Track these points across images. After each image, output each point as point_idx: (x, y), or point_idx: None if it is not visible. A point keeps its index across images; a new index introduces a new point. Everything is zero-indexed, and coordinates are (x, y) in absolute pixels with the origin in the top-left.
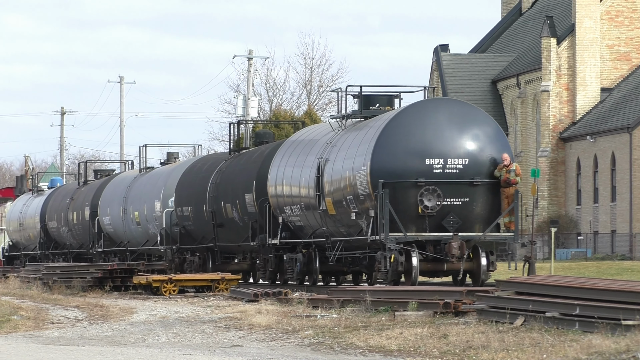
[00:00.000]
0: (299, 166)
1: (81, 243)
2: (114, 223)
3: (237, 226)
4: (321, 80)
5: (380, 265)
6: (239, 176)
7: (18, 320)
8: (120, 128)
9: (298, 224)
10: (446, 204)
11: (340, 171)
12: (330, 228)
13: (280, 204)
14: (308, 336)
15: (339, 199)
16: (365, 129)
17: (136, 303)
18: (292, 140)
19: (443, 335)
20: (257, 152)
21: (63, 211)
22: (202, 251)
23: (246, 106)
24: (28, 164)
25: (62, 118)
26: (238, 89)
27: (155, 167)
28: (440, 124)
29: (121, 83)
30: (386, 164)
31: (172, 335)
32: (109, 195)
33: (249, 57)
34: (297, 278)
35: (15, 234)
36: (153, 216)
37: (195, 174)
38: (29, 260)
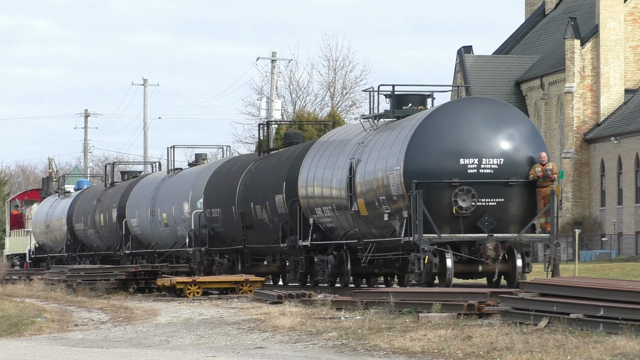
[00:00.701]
0: (330, 167)
1: (108, 245)
2: (142, 225)
3: (266, 228)
4: (344, 82)
5: (414, 267)
6: (268, 177)
7: (42, 323)
8: (144, 130)
9: (329, 226)
10: (481, 205)
11: (372, 172)
12: (362, 229)
13: (311, 205)
14: (332, 338)
15: (371, 199)
16: (397, 129)
17: (160, 305)
18: (323, 141)
19: (467, 336)
20: (287, 153)
21: (90, 213)
22: (231, 253)
23: (270, 108)
24: (52, 166)
25: (86, 120)
26: (262, 91)
27: (183, 169)
28: (474, 123)
29: (145, 85)
30: (420, 164)
31: (196, 337)
32: (137, 196)
33: (273, 60)
34: (328, 280)
35: (42, 236)
36: (181, 218)
37: (224, 175)
38: (56, 262)
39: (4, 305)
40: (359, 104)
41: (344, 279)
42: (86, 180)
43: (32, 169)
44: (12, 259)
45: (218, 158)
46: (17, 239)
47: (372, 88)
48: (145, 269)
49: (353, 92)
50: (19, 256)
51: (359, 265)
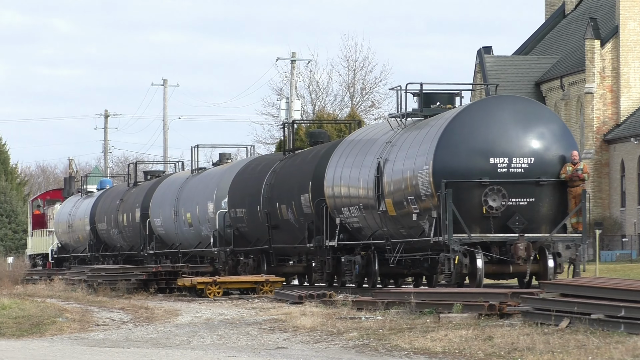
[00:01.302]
0: (357, 166)
1: (132, 245)
2: (166, 225)
3: (292, 227)
4: (364, 82)
5: (444, 268)
6: (294, 177)
7: (63, 323)
8: (163, 131)
9: (356, 226)
10: (511, 204)
11: (400, 171)
12: (390, 229)
13: (338, 205)
14: (352, 338)
15: (399, 199)
16: (426, 128)
17: (181, 305)
18: (350, 140)
19: (488, 337)
20: (313, 152)
21: (113, 213)
22: (256, 253)
23: (289, 109)
24: (72, 166)
25: (105, 121)
26: (281, 92)
27: (207, 168)
28: (504, 122)
29: (165, 86)
30: (449, 164)
31: (217, 337)
32: (160, 196)
33: (292, 60)
34: (355, 281)
35: (64, 235)
36: (206, 218)
37: (248, 174)
38: (78, 262)
39: (25, 305)
40: (378, 105)
41: (371, 280)
42: (109, 180)
43: (52, 169)
44: (35, 259)
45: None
46: (40, 239)
47: (400, 87)
48: (165, 269)
49: (373, 93)
50: (42, 256)
51: (387, 265)
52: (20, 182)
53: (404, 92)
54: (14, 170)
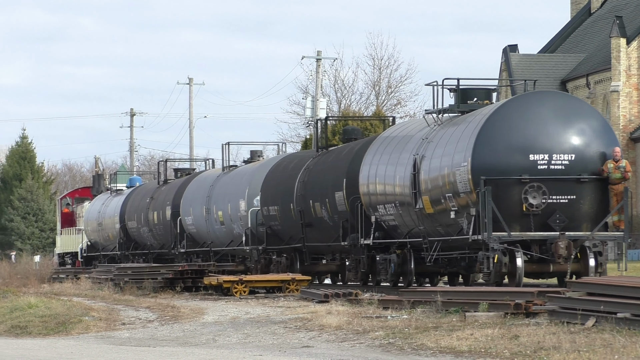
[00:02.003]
0: (392, 163)
1: (162, 243)
2: (197, 223)
3: (326, 225)
4: (389, 81)
5: (483, 267)
6: (328, 174)
7: (90, 321)
8: (189, 129)
9: (392, 223)
10: (552, 202)
11: (438, 168)
12: (427, 227)
13: (373, 202)
14: (378, 337)
15: (436, 197)
16: (463, 124)
17: (207, 304)
18: (385, 137)
19: (514, 336)
20: (347, 149)
21: (143, 211)
22: (289, 252)
23: (315, 107)
24: (98, 165)
25: (131, 120)
26: (306, 90)
27: (239, 166)
28: (544, 117)
29: (190, 84)
30: (488, 160)
31: (243, 336)
32: (191, 194)
33: (318, 59)
34: (391, 280)
35: (94, 234)
36: (238, 216)
37: (281, 172)
38: (108, 260)
39: (51, 304)
40: (404, 103)
41: (407, 279)
42: (138, 178)
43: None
44: (64, 258)
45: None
46: (69, 237)
47: (436, 82)
48: (192, 267)
49: (398, 91)
50: (71, 254)
51: (423, 264)
52: (47, 181)
53: (440, 87)
54: (40, 169)
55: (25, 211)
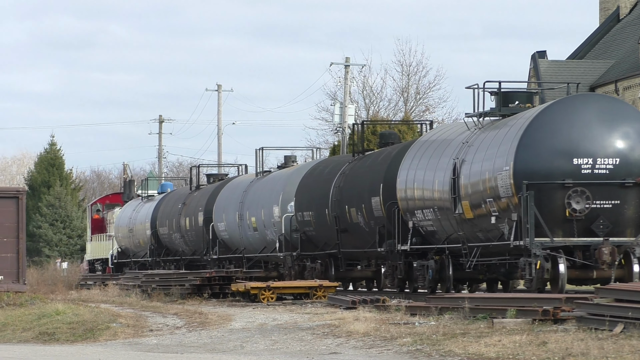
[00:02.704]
0: (431, 168)
1: (194, 250)
2: (230, 229)
3: (362, 231)
4: (418, 87)
5: (524, 273)
6: (364, 179)
7: (117, 328)
8: (218, 136)
9: (430, 229)
10: (595, 207)
11: (479, 172)
12: (467, 233)
13: (411, 207)
14: (406, 343)
15: (477, 202)
16: (505, 128)
17: (234, 310)
18: (423, 141)
19: (542, 342)
20: (383, 153)
21: (175, 217)
22: (324, 258)
23: (343, 113)
24: (127, 172)
25: (160, 126)
26: (335, 97)
27: (273, 171)
28: (588, 121)
29: (219, 91)
30: (530, 164)
31: (271, 343)
32: (224, 200)
33: (346, 65)
34: (428, 286)
35: (124, 240)
36: (271, 222)
37: (316, 177)
38: (139, 267)
39: (79, 311)
40: (432, 109)
41: (445, 285)
42: (170, 184)
43: (107, 175)
44: (94, 264)
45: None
46: (99, 244)
47: (477, 85)
48: (219, 274)
49: (427, 97)
50: (101, 261)
51: (461, 270)
52: (75, 188)
53: (481, 90)
54: (68, 176)
55: (53, 218)
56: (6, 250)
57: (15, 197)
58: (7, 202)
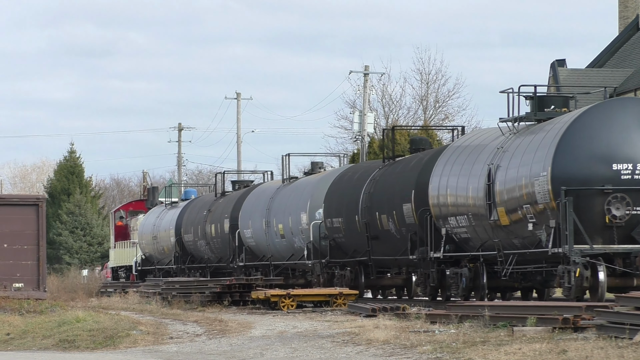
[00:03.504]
0: (465, 174)
1: (220, 257)
2: (256, 236)
3: (393, 238)
4: (437, 95)
5: (563, 281)
6: (395, 185)
7: (137, 335)
8: (237, 144)
9: (464, 236)
10: (636, 213)
11: (515, 178)
12: (502, 240)
13: (444, 214)
14: (426, 351)
15: (513, 208)
16: (541, 133)
17: (254, 318)
18: (456, 146)
19: (562, 350)
20: (415, 159)
21: (200, 224)
22: (353, 265)
23: (362, 122)
24: (146, 179)
25: (179, 134)
26: (354, 105)
27: (300, 177)
28: (627, 125)
29: (238, 99)
30: (569, 170)
31: (290, 350)
32: (250, 207)
33: (365, 73)
34: (462, 294)
35: (148, 247)
36: (299, 229)
37: (345, 183)
38: (163, 274)
39: (99, 318)
40: (451, 117)
41: (479, 294)
42: (194, 190)
43: (127, 182)
44: (117, 271)
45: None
46: (122, 251)
47: (512, 89)
48: (239, 282)
49: (446, 106)
50: (124, 268)
51: (496, 278)
52: (95, 195)
53: (515, 95)
54: (88, 184)
55: (73, 225)
56: (26, 257)
57: (35, 204)
58: (27, 210)
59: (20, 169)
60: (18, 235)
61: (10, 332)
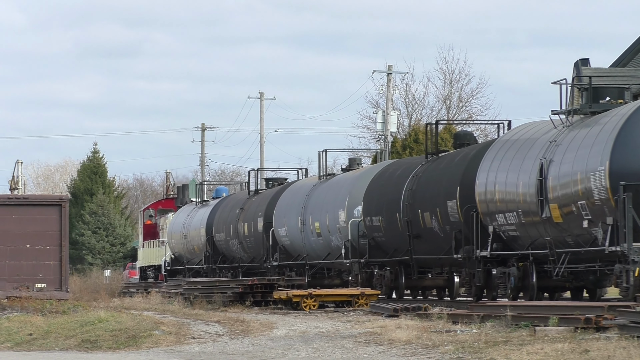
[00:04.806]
0: (514, 169)
1: (253, 257)
2: (291, 235)
3: (436, 237)
4: (460, 95)
5: (620, 281)
6: (439, 182)
7: (159, 335)
8: (260, 144)
9: (512, 234)
10: None
11: (569, 173)
12: (554, 238)
13: (492, 211)
14: (448, 351)
15: (567, 204)
16: (597, 126)
17: (276, 318)
18: (504, 140)
19: (584, 350)
20: (460, 154)
21: (232, 222)
22: (394, 265)
23: (385, 121)
24: (169, 179)
25: (202, 134)
26: (377, 105)
27: (337, 174)
28: None
29: (261, 99)
30: (628, 164)
31: (312, 350)
32: (285, 205)
33: (389, 73)
34: (510, 295)
35: (178, 246)
36: (336, 227)
37: (386, 180)
38: (193, 274)
39: (121, 318)
40: (474, 117)
41: (528, 294)
42: (225, 188)
43: (150, 182)
44: (146, 271)
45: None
46: (151, 250)
47: (565, 80)
48: (261, 282)
49: (469, 105)
50: (153, 268)
51: (546, 278)
52: (118, 195)
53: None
54: (111, 184)
55: (96, 225)
56: (49, 257)
57: (58, 204)
58: (50, 210)
59: (43, 169)
60: (41, 236)
61: (33, 332)
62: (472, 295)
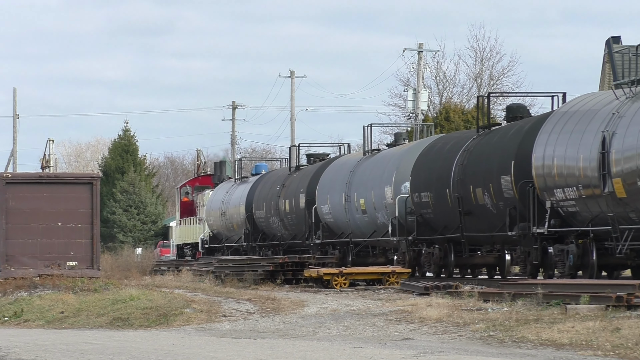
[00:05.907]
0: (574, 142)
1: (294, 234)
2: (335, 212)
3: (488, 213)
4: (491, 73)
5: None
6: (492, 156)
7: (191, 313)
8: (290, 122)
9: (571, 210)
10: None
11: (634, 146)
12: (617, 214)
13: (549, 186)
14: (479, 329)
15: (631, 179)
16: None
17: (307, 296)
18: (562, 112)
19: (615, 328)
20: (514, 128)
21: (273, 199)
22: (443, 242)
23: (416, 99)
24: (200, 158)
25: (233, 112)
26: (408, 83)
27: (382, 149)
28: None
29: (292, 77)
30: None
31: (343, 328)
32: (328, 181)
33: (419, 51)
34: (569, 273)
35: (217, 224)
36: (383, 204)
37: (435, 155)
38: (232, 252)
39: (153, 296)
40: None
41: (587, 272)
42: (265, 165)
43: (180, 161)
44: (183, 249)
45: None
46: (188, 228)
47: (628, 49)
48: (292, 260)
49: (500, 83)
50: (190, 245)
51: (607, 256)
52: (149, 174)
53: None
54: (142, 162)
55: (127, 204)
56: (80, 236)
57: (90, 183)
58: (81, 188)
59: (75, 147)
60: (72, 214)
61: (65, 310)
62: (527, 274)
